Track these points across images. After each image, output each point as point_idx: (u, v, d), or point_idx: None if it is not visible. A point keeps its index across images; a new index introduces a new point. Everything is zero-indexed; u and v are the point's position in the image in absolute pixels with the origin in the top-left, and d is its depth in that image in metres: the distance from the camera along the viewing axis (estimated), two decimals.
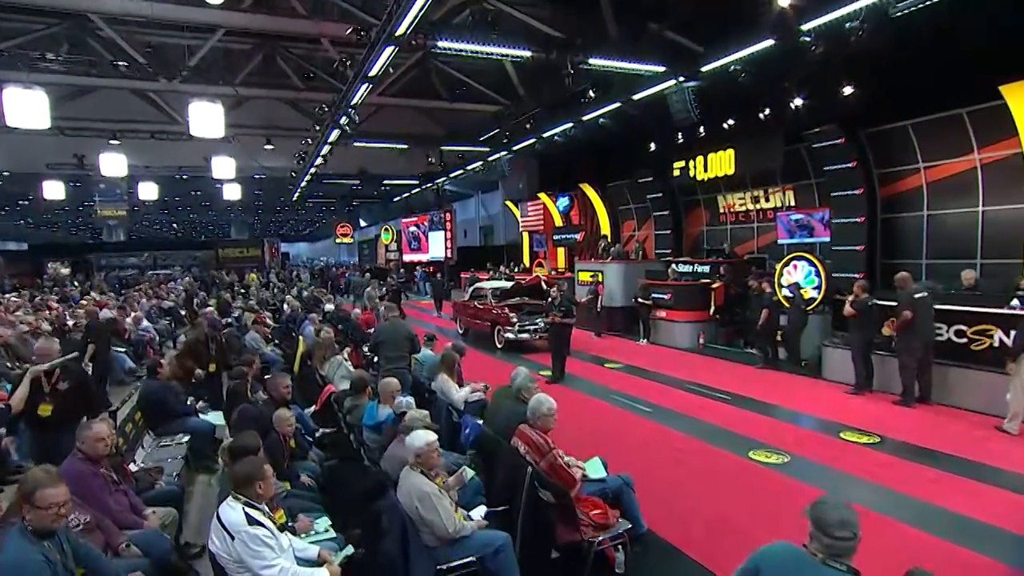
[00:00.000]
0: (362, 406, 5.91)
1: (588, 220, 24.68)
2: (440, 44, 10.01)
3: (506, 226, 33.12)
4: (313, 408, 6.99)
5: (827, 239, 13.09)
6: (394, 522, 3.87)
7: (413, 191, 30.55)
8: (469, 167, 22.03)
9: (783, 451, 7.01)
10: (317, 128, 16.79)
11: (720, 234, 19.14)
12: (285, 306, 15.51)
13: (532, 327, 13.81)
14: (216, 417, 7.13)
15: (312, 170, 20.72)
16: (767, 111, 14.22)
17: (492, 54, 10.53)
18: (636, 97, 13.48)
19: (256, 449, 4.07)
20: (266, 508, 3.57)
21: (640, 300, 14.75)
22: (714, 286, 13.69)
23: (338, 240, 41.48)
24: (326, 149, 17.73)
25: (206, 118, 14.45)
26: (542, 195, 25.66)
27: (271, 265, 37.28)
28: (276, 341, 11.84)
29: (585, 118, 15.32)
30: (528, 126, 17.10)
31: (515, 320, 13.80)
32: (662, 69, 12.04)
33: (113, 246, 40.13)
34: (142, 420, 6.68)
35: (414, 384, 7.33)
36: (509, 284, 15.90)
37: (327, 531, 4.22)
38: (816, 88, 12.94)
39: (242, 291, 23.85)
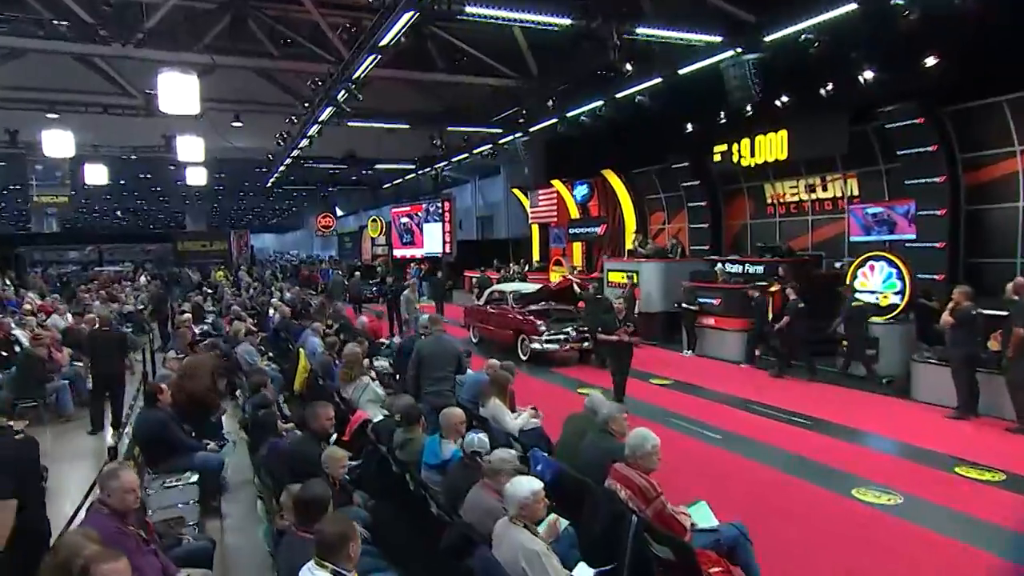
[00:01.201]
0: (417, 440, 5.73)
1: (610, 211, 24.60)
2: (468, 10, 9.82)
3: (509, 217, 33.10)
4: (335, 437, 6.81)
5: (912, 236, 12.97)
6: None
7: (407, 177, 30.35)
8: (476, 150, 21.84)
9: (892, 489, 6.88)
10: (306, 105, 16.58)
11: (767, 228, 19.05)
12: (271, 311, 15.29)
13: (562, 336, 13.68)
14: (227, 450, 6.95)
15: (295, 152, 20.50)
16: (830, 86, 14.10)
17: (528, 22, 10.35)
18: (683, 71, 13.37)
19: (329, 501, 3.89)
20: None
21: (685, 305, 14.64)
22: (772, 289, 13.58)
23: (319, 232, 41.10)
24: (314, 129, 17.52)
25: (178, 91, 14.09)
26: (556, 183, 25.54)
27: (240, 261, 36.98)
28: (270, 354, 11.63)
29: (620, 95, 15.19)
30: (551, 104, 16.92)
31: (543, 328, 13.66)
32: (719, 39, 11.91)
33: (50, 238, 39.44)
34: (141, 457, 6.47)
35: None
36: (533, 287, 15.75)
37: None
38: (891, 59, 12.76)
39: (210, 291, 23.58)
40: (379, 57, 11.99)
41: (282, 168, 24.14)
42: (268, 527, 4.60)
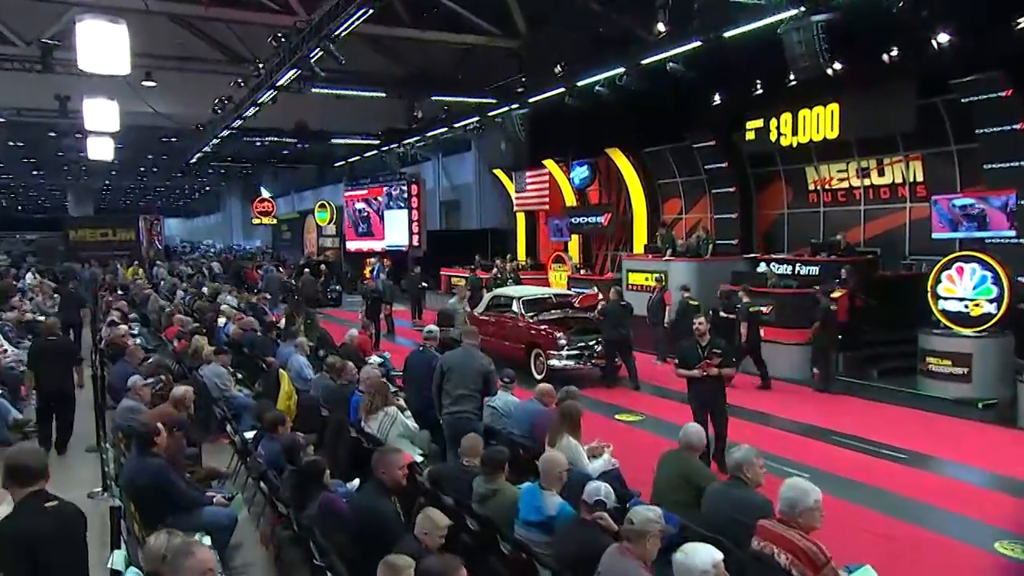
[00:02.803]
0: (506, 492, 5.63)
1: (615, 198, 24.69)
2: None
3: (482, 204, 32.99)
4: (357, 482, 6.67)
5: (1010, 233, 13.21)
6: None
7: (367, 154, 30.04)
8: (459, 123, 21.72)
9: None
10: (260, 65, 16.28)
11: (807, 220, 19.30)
12: (221, 320, 14.96)
13: (586, 351, 13.68)
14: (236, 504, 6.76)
15: (237, 123, 20.17)
16: (894, 51, 14.29)
17: None
18: (731, 34, 13.45)
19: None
20: None
21: (724, 314, 14.66)
22: (835, 295, 13.74)
23: (255, 219, 40.43)
24: (268, 96, 17.21)
25: (102, 44, 13.66)
26: (550, 163, 25.51)
27: (151, 255, 36.21)
28: (238, 376, 11.40)
29: (647, 61, 15.23)
30: (559, 70, 16.88)
31: (563, 341, 13.62)
32: None
33: None
34: (139, 517, 6.25)
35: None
36: (543, 292, 15.72)
37: None
38: (971, 20, 12.92)
39: (120, 293, 22.95)
40: (370, 11, 11.79)
41: (215, 141, 23.67)
42: None
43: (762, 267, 16.21)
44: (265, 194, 51.80)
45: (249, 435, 8.07)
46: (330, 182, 43.08)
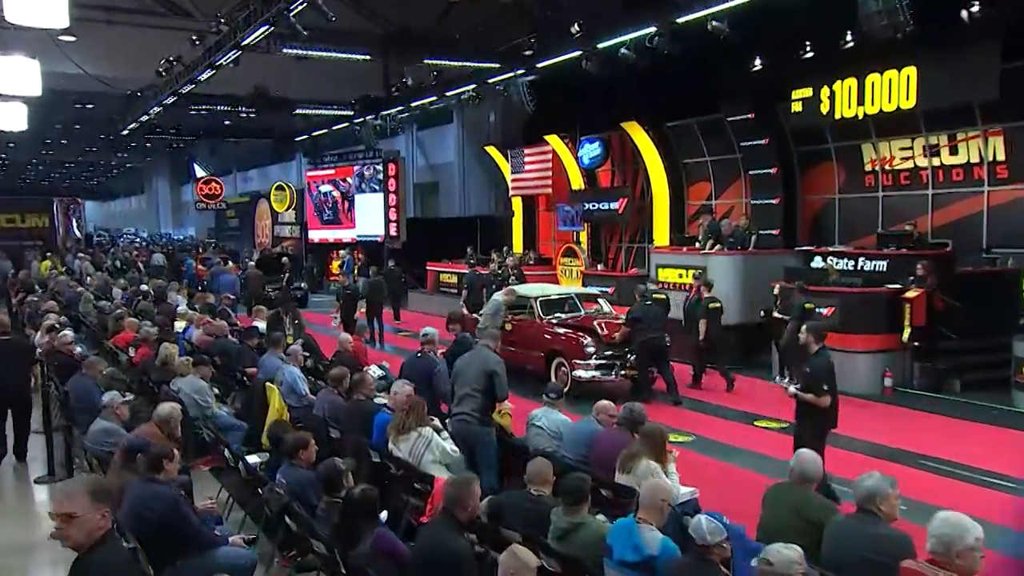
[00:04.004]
0: (591, 527, 5.70)
1: (629, 180, 24.82)
2: None
3: (466, 187, 33.03)
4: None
5: None
6: None
7: (336, 126, 30.03)
8: (452, 92, 21.77)
9: None
10: (222, 21, 16.25)
11: (863, 206, 19.40)
12: (180, 324, 14.96)
13: (617, 360, 13.85)
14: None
15: (188, 87, 20.13)
16: (975, 6, 14.39)
17: None
18: None
19: None
20: None
21: (779, 315, 14.83)
22: (910, 295, 13.92)
23: (199, 203, 40.15)
24: (231, 57, 17.19)
25: None
26: (553, 139, 25.59)
27: (69, 244, 35.90)
28: (216, 391, 11.38)
29: (684, 19, 15.34)
30: (576, 30, 16.95)
31: (591, 349, 13.74)
32: None
33: None
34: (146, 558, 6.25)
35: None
36: (564, 290, 15.82)
37: None
38: None
39: (39, 290, 22.75)
40: None
41: (158, 109, 23.62)
42: None
43: (817, 261, 16.33)
44: (200, 172, 51.52)
45: (253, 460, 8.07)
46: (283, 159, 42.92)
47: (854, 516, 5.57)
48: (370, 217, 30.48)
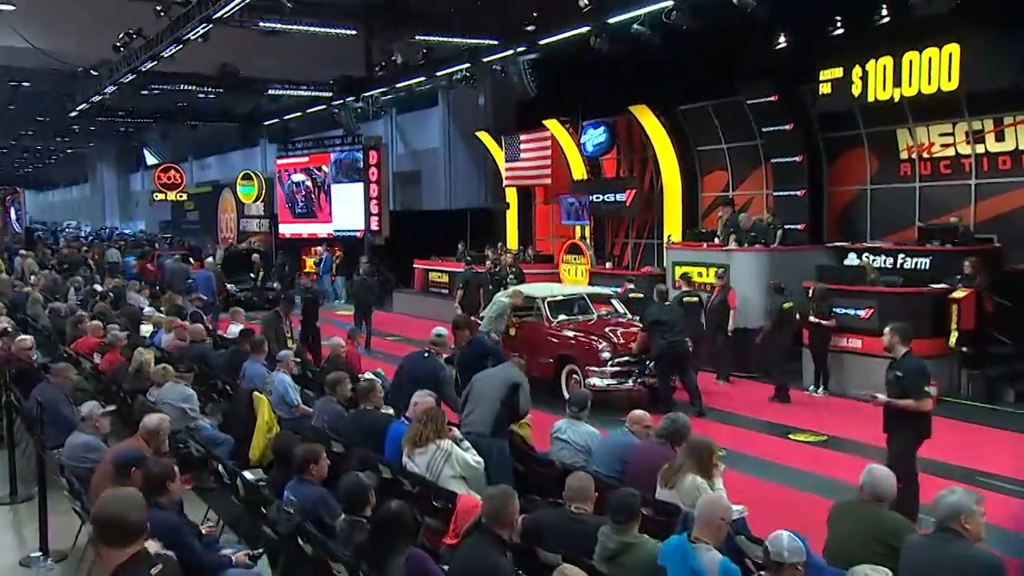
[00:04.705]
0: (644, 546, 5.75)
1: (637, 170, 24.87)
2: None
3: (452, 176, 33.06)
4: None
5: None
6: None
7: (311, 110, 30.02)
8: (443, 72, 21.78)
9: None
10: None
11: (898, 197, 19.42)
12: (148, 327, 14.96)
13: (636, 366, 13.90)
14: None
15: (148, 65, 20.10)
16: None
17: None
18: None
19: None
20: None
21: (815, 319, 14.88)
22: (957, 295, 14.02)
23: (156, 194, 39.97)
24: (201, 31, 17.19)
25: None
26: (553, 124, 25.61)
27: (8, 239, 35.72)
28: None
29: None
30: (585, 2, 16.99)
31: (607, 355, 13.79)
32: None
33: None
34: None
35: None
36: (573, 290, 15.88)
37: None
38: None
39: None
40: None
41: (112, 88, 23.60)
42: None
43: (852, 259, 16.41)
44: (152, 159, 51.33)
45: (249, 476, 8.07)
46: (247, 145, 42.84)
47: (935, 536, 5.53)
48: (348, 210, 30.48)
